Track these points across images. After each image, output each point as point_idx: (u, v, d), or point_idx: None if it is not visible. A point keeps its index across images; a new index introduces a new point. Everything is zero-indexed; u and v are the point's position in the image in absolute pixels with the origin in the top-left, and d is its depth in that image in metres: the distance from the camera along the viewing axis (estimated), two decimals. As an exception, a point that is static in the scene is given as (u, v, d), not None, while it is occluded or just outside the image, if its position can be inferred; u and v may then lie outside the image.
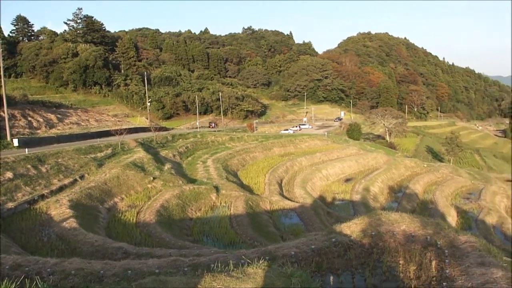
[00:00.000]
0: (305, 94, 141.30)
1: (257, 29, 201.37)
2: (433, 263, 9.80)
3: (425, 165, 59.50)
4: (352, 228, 12.09)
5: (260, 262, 8.56)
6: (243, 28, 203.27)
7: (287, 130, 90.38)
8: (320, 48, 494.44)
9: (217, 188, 32.02)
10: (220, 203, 29.89)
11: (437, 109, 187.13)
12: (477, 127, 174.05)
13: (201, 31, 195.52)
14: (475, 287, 7.66)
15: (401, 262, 10.41)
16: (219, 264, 9.20)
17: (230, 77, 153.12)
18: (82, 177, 29.62)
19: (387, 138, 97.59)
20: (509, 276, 7.64)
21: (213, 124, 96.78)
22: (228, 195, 31.01)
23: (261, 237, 23.49)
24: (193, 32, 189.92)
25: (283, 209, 31.30)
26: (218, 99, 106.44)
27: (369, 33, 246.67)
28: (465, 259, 9.15)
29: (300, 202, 33.68)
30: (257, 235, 23.68)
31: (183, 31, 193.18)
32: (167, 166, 37.75)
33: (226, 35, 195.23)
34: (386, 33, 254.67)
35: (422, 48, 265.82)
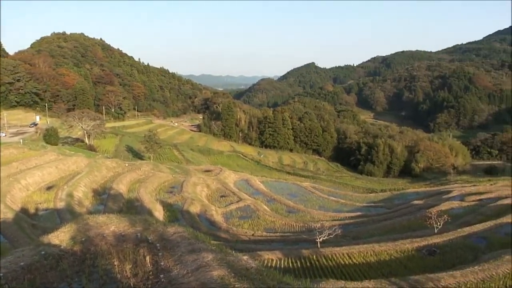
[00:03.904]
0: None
1: None
2: (147, 258, 10.31)
3: (127, 164, 61.22)
4: (61, 237, 11.75)
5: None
6: None
7: None
8: (11, 49, 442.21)
9: None
10: None
11: (134, 109, 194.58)
12: (173, 123, 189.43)
13: None
14: (191, 273, 8.38)
15: (116, 263, 10.51)
16: None
17: None
18: None
19: (86, 140, 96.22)
20: (219, 258, 8.70)
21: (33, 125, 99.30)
22: None
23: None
24: None
25: (-19, 229, 28.45)
26: None
27: (64, 34, 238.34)
28: (176, 249, 9.95)
29: (1, 218, 31.08)
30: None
31: None
32: None
33: None
34: (82, 33, 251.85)
35: (118, 49, 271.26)
